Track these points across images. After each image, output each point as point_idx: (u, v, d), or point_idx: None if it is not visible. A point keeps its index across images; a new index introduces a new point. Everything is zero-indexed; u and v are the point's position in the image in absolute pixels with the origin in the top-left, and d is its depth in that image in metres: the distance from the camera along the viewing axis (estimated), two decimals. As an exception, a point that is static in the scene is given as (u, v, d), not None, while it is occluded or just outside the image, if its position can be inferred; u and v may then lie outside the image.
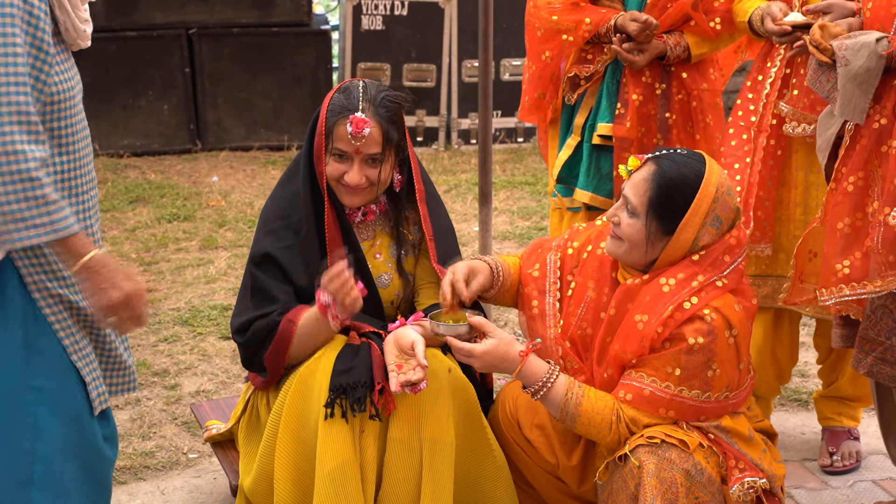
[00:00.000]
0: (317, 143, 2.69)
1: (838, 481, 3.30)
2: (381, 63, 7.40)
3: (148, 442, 3.57)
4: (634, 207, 2.50)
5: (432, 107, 7.50)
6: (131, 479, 3.35)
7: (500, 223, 5.75)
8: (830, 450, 3.36)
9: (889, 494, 3.22)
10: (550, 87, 3.52)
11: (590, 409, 2.47)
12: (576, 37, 3.37)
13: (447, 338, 2.50)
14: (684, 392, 2.46)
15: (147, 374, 4.05)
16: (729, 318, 2.45)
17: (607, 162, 3.45)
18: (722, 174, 2.53)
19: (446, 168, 6.94)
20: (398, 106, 2.70)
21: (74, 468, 2.32)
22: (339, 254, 2.57)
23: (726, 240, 2.51)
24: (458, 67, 7.49)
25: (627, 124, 3.37)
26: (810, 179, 3.14)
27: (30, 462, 2.25)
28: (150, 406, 3.82)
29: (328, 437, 2.50)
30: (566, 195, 3.57)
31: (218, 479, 3.32)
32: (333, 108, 2.67)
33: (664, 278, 2.49)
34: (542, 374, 2.49)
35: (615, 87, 3.41)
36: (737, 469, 2.50)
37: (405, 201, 2.84)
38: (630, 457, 2.44)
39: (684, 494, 2.41)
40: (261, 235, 2.73)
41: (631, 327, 2.49)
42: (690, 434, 2.48)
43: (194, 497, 3.25)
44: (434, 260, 2.78)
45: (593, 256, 2.67)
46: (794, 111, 3.04)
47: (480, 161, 4.11)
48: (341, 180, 2.68)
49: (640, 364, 2.49)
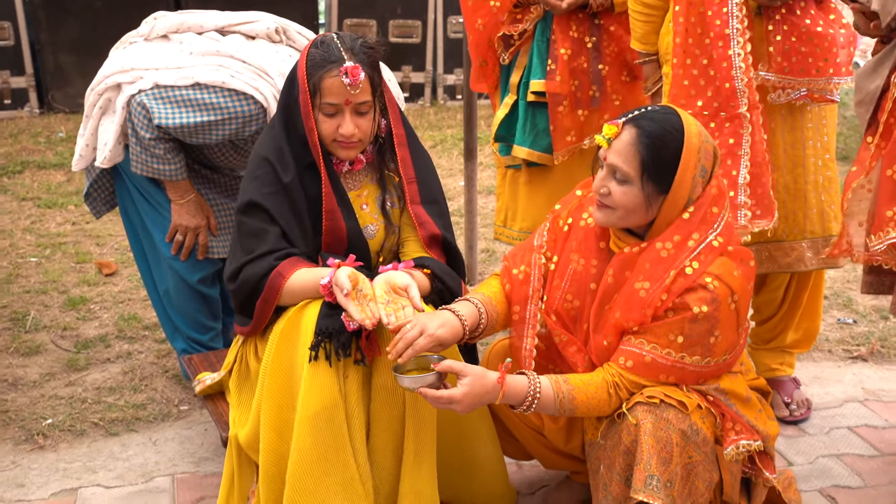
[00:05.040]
0: (302, 100, 2.66)
1: (815, 428, 3.33)
2: (367, 19, 7.35)
3: (140, 394, 3.57)
4: (626, 174, 2.42)
5: (418, 63, 7.46)
6: (123, 431, 3.35)
7: (485, 178, 5.74)
8: (785, 400, 3.38)
9: (864, 440, 3.25)
10: (490, 54, 3.55)
11: (584, 398, 2.45)
12: (502, 1, 3.40)
13: (419, 390, 2.38)
14: (685, 359, 2.44)
15: (138, 328, 4.04)
16: (731, 285, 2.42)
17: (543, 118, 3.47)
18: (696, 122, 2.48)
19: (432, 123, 6.91)
20: (376, 52, 2.69)
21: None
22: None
23: (709, 191, 2.48)
24: (443, 23, 7.44)
25: (558, 79, 3.40)
26: (787, 140, 3.13)
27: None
28: (142, 359, 3.82)
29: (313, 380, 2.48)
30: (506, 153, 3.59)
31: (209, 431, 3.33)
32: (314, 63, 2.63)
33: (660, 242, 2.45)
34: (526, 391, 2.43)
35: (545, 45, 3.43)
36: (733, 431, 2.49)
37: (388, 147, 2.83)
38: (627, 415, 2.43)
39: (679, 454, 2.41)
40: (245, 185, 2.71)
41: (632, 295, 2.45)
42: (690, 395, 2.46)
43: (186, 448, 3.25)
44: (415, 202, 2.77)
45: (577, 229, 2.62)
46: (780, 78, 3.02)
47: (466, 117, 4.10)
48: (337, 136, 2.65)
49: (642, 331, 2.45)
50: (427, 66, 7.44)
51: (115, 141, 3.22)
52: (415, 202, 2.79)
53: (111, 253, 4.85)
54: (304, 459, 2.49)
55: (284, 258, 2.61)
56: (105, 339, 3.98)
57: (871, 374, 3.71)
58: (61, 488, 3.04)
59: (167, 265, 3.37)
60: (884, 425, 3.36)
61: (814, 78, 3.02)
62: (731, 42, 2.96)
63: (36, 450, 3.25)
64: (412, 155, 2.81)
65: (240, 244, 2.68)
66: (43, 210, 5.46)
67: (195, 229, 3.34)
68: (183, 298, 3.41)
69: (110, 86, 3.23)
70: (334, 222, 2.68)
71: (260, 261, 2.61)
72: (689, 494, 2.44)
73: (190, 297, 3.42)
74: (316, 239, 2.70)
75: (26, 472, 3.13)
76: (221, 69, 3.15)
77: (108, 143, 3.24)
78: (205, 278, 3.42)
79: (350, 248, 2.72)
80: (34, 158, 6.26)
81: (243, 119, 3.14)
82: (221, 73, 3.13)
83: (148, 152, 3.16)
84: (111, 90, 3.24)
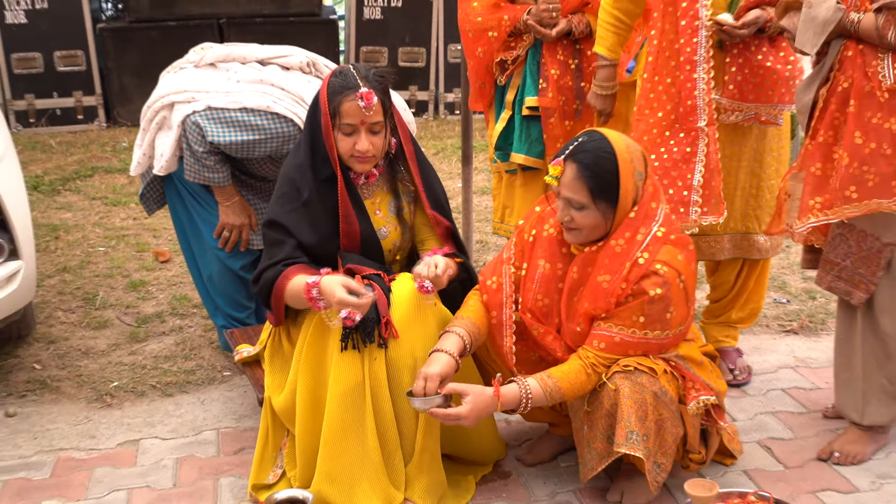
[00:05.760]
0: (324, 122, 2.65)
1: (754, 390, 3.33)
2: (380, 47, 7.32)
3: (190, 362, 3.57)
4: (580, 202, 2.41)
5: (422, 83, 7.44)
6: (176, 392, 3.36)
7: (479, 180, 5.73)
8: (730, 367, 3.37)
9: (794, 400, 3.25)
10: (487, 77, 3.53)
11: (568, 385, 2.45)
12: (499, 32, 3.39)
13: (430, 410, 2.41)
14: (648, 334, 2.44)
15: (188, 307, 4.04)
16: (677, 268, 2.42)
17: (536, 128, 3.46)
18: (620, 135, 2.46)
19: (434, 134, 6.89)
20: (386, 80, 2.69)
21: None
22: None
23: (647, 189, 2.47)
24: (444, 50, 7.42)
25: (549, 95, 3.39)
26: (726, 153, 3.11)
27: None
28: (191, 333, 3.82)
29: (340, 366, 2.51)
30: (504, 160, 3.58)
31: (247, 393, 3.33)
32: (334, 89, 2.63)
33: (614, 240, 2.45)
34: (519, 396, 2.43)
35: (536, 67, 3.42)
36: (693, 390, 2.50)
37: (399, 162, 2.82)
38: (608, 383, 2.44)
39: (651, 412, 2.42)
40: (271, 203, 2.73)
41: (596, 287, 2.45)
42: (657, 362, 2.47)
43: (228, 407, 3.25)
44: (428, 207, 2.78)
45: (541, 239, 2.59)
46: (731, 102, 3.03)
47: (463, 129, 4.08)
48: (354, 152, 2.65)
49: (609, 316, 2.45)
50: (430, 85, 7.42)
51: (171, 153, 3.22)
52: (430, 206, 2.80)
53: (165, 243, 4.85)
54: (333, 432, 2.52)
55: (292, 265, 2.61)
56: (161, 315, 3.99)
57: (801, 345, 3.71)
58: (126, 439, 3.06)
59: (213, 254, 3.37)
60: (811, 387, 3.36)
61: (762, 104, 3.04)
62: (698, 67, 2.96)
63: (104, 407, 3.26)
64: (421, 168, 2.81)
65: (265, 256, 2.71)
66: (109, 208, 5.45)
67: (239, 227, 3.34)
68: (225, 282, 3.41)
69: (165, 104, 3.22)
70: (349, 225, 2.68)
71: (274, 267, 2.63)
72: (660, 446, 2.46)
73: (230, 281, 3.41)
74: (335, 241, 2.70)
75: (97, 426, 3.14)
76: (266, 95, 3.15)
77: (164, 154, 3.23)
78: (245, 265, 3.42)
79: (363, 246, 2.71)
80: (102, 164, 6.25)
81: (283, 138, 3.14)
82: (266, 99, 3.13)
83: (200, 163, 3.16)
84: (166, 108, 3.23)
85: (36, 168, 6.11)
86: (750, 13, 2.95)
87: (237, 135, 3.11)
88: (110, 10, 7.66)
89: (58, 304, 4.09)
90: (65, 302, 4.11)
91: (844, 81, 2.62)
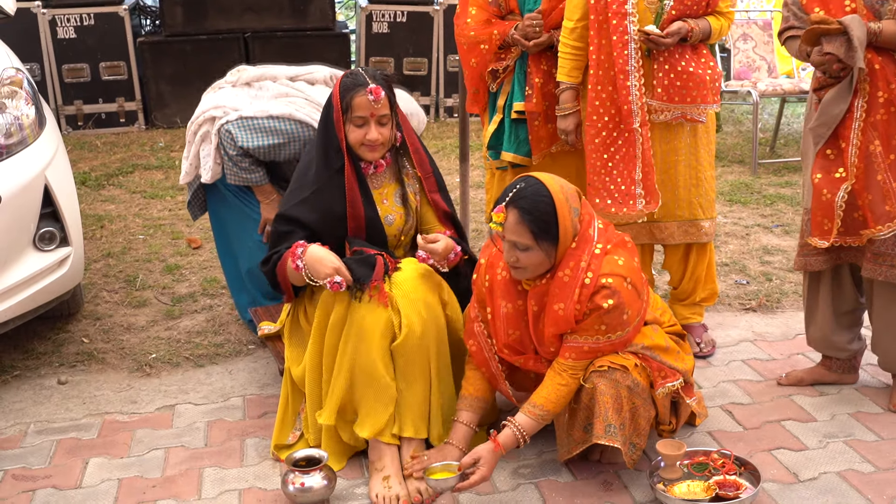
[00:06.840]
0: (336, 116, 2.64)
1: (718, 361, 3.33)
2: (387, 57, 7.28)
3: (219, 336, 3.57)
4: (525, 244, 2.33)
5: (424, 89, 7.40)
6: (207, 363, 3.35)
7: (475, 176, 5.70)
8: (696, 341, 3.36)
9: (753, 370, 3.25)
10: (481, 85, 3.50)
11: (553, 405, 2.43)
12: (490, 45, 3.37)
13: (455, 488, 2.35)
14: (612, 337, 2.41)
15: (217, 288, 4.04)
16: (621, 274, 2.36)
17: (523, 130, 3.44)
18: (553, 178, 2.39)
19: (435, 135, 6.86)
20: (391, 79, 2.70)
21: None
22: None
23: (583, 217, 2.41)
24: (444, 60, 7.38)
25: (534, 101, 3.37)
26: (663, 149, 3.13)
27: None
28: (220, 311, 3.81)
29: (327, 301, 2.56)
30: (495, 158, 3.56)
31: (269, 364, 3.32)
32: (346, 87, 2.63)
33: (561, 272, 2.38)
34: (515, 437, 2.41)
35: (523, 76, 3.40)
36: (660, 377, 2.49)
37: (403, 154, 2.82)
38: (584, 384, 2.43)
39: (626, 403, 2.41)
40: (284, 197, 2.73)
41: (555, 314, 2.40)
42: (627, 358, 2.45)
43: (252, 377, 3.25)
44: (432, 191, 2.79)
45: (496, 282, 2.52)
46: (660, 104, 3.06)
47: (460, 130, 4.06)
48: (364, 141, 2.64)
49: (574, 331, 2.41)
50: (431, 92, 7.38)
51: (214, 161, 3.20)
52: (432, 191, 2.80)
53: (197, 232, 4.83)
54: (325, 360, 2.55)
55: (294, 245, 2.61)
56: (193, 295, 3.98)
57: (759, 321, 3.70)
58: (163, 405, 3.06)
59: (257, 248, 3.32)
60: (767, 358, 3.35)
61: (687, 105, 3.07)
62: (630, 76, 3.01)
63: (144, 376, 3.26)
64: (422, 158, 2.80)
65: (271, 245, 2.70)
66: (147, 200, 5.43)
67: None
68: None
69: (206, 118, 3.21)
70: (355, 210, 2.67)
71: (279, 252, 2.63)
72: (634, 430, 2.45)
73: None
74: (342, 225, 2.68)
75: (138, 392, 3.14)
76: (290, 104, 3.15)
77: (209, 164, 3.22)
78: None
79: (368, 231, 2.70)
80: (141, 162, 6.22)
81: (303, 140, 3.13)
82: (289, 107, 3.13)
83: (237, 166, 3.15)
84: (207, 122, 3.22)
85: (83, 165, 6.09)
86: (673, 24, 3.01)
87: (263, 139, 3.10)
88: (149, 25, 7.63)
89: (103, 285, 4.08)
90: (109, 283, 4.10)
91: (884, 92, 2.62)
